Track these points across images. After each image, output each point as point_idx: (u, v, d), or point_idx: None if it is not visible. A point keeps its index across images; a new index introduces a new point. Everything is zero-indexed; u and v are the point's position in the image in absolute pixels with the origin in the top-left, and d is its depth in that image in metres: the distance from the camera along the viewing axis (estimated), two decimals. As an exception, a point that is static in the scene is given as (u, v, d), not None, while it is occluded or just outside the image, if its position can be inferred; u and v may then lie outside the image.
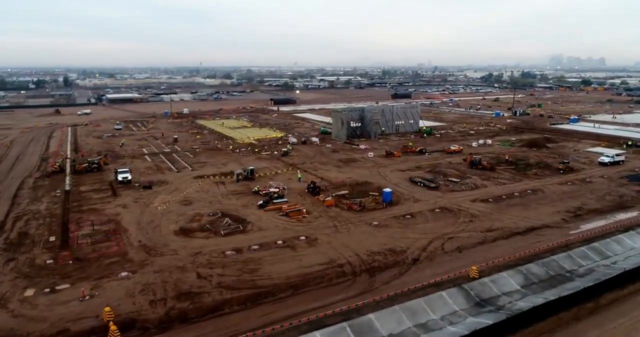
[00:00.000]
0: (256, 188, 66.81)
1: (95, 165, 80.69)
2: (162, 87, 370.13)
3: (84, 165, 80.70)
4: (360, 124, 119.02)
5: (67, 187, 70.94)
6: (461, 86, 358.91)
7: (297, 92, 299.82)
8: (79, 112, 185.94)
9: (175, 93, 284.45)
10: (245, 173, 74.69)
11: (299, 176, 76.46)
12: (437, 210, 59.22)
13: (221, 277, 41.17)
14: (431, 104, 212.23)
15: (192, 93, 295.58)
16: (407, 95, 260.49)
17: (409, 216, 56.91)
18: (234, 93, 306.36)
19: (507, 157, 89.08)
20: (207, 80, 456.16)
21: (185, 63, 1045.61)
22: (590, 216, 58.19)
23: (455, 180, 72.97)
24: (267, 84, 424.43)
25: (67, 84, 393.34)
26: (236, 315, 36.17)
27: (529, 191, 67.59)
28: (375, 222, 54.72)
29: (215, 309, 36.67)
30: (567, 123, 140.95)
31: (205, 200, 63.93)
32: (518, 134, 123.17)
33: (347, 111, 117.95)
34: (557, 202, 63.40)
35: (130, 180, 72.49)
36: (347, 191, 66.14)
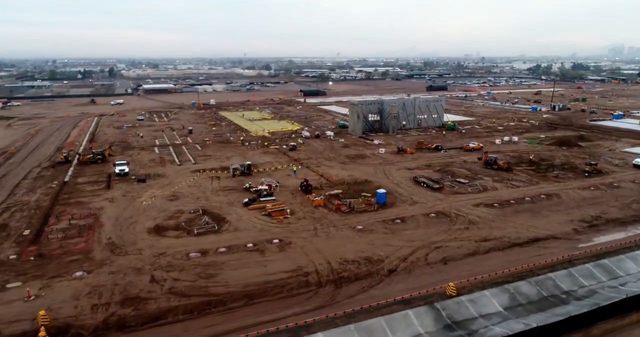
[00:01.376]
0: (247, 184, 64.31)
1: (99, 156, 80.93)
2: (200, 78, 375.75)
3: (88, 156, 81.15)
4: (379, 118, 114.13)
5: (66, 179, 71.29)
6: (504, 78, 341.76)
7: (330, 83, 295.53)
8: (112, 103, 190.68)
9: (210, 84, 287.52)
10: (242, 168, 72.34)
11: (295, 169, 73.80)
12: (432, 214, 54.44)
13: (175, 282, 38.90)
14: (466, 97, 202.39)
15: (226, 84, 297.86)
16: (443, 88, 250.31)
17: (398, 221, 52.55)
18: (268, 84, 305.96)
19: (530, 157, 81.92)
20: (246, 71, 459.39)
21: (231, 54, 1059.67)
22: (608, 227, 51.65)
23: (464, 181, 67.43)
24: (304, 75, 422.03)
25: (112, 74, 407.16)
26: (178, 325, 33.76)
27: (542, 196, 61.22)
28: (360, 226, 50.80)
29: (157, 317, 34.40)
30: (610, 119, 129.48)
31: (193, 196, 62.08)
32: (551, 130, 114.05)
33: (365, 104, 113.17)
34: (573, 209, 56.92)
35: (127, 173, 71.93)
36: (340, 190, 62.35)
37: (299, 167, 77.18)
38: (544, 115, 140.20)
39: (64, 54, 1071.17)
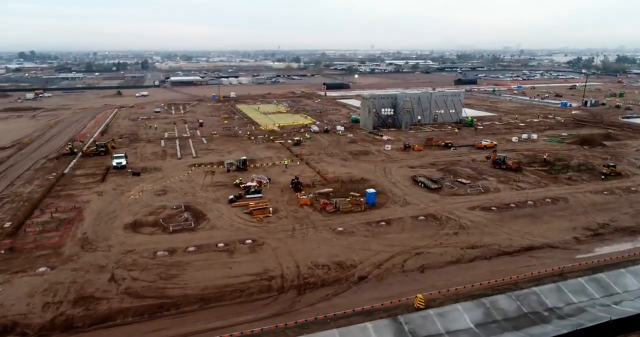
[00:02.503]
0: (237, 180, 62.87)
1: (102, 149, 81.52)
2: (230, 71, 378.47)
3: (91, 148, 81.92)
4: (393, 113, 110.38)
5: (66, 171, 72.02)
6: (540, 72, 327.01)
7: (356, 76, 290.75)
8: (137, 94, 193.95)
9: (236, 76, 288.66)
10: (238, 163, 70.98)
11: (286, 162, 72.72)
12: (422, 217, 51.29)
13: (133, 282, 37.83)
14: (494, 91, 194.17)
15: (253, 76, 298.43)
16: (473, 81, 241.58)
17: (383, 223, 49.75)
18: (294, 77, 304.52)
19: (545, 156, 76.76)
20: (275, 63, 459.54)
21: (265, 47, 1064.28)
22: (615, 237, 47.16)
23: (465, 181, 63.61)
24: (332, 67, 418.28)
25: (144, 66, 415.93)
26: (124, 328, 32.62)
27: (547, 199, 56.81)
28: (341, 228, 48.36)
29: (106, 319, 33.37)
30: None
31: (182, 191, 61.19)
32: (577, 128, 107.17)
33: (378, 98, 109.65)
34: (579, 215, 52.44)
35: (125, 166, 71.93)
36: (331, 189, 59.96)
37: (297, 162, 75.28)
38: (573, 112, 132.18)
39: (105, 47, 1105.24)
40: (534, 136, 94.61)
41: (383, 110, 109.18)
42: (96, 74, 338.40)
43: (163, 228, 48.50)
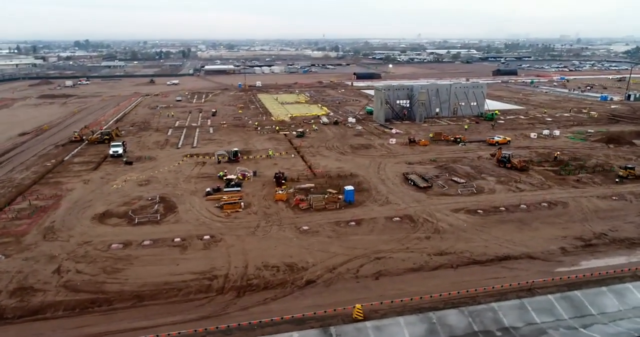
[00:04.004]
0: (221, 173, 61.76)
1: (106, 137, 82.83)
2: (267, 59, 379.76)
3: (96, 136, 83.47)
4: (408, 105, 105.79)
5: (66, 158, 73.65)
6: (591, 62, 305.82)
7: (390, 66, 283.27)
8: (167, 83, 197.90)
9: (270, 66, 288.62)
10: (229, 155, 69.88)
11: (271, 152, 73.01)
12: (397, 218, 48.10)
13: (76, 275, 37.45)
14: (532, 83, 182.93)
15: (288, 65, 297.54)
16: (512, 72, 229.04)
17: (353, 223, 47.03)
18: (329, 66, 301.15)
19: (556, 154, 70.69)
20: (314, 52, 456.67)
21: (310, 35, 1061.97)
22: (609, 249, 42.24)
23: (460, 181, 59.41)
24: (371, 56, 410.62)
25: (185, 55, 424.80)
26: (51, 322, 32.16)
27: (544, 204, 51.89)
28: (306, 227, 46.11)
29: (36, 311, 33.09)
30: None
31: (166, 182, 60.81)
32: (609, 124, 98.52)
33: (393, 89, 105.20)
34: (575, 222, 47.47)
35: (121, 154, 72.63)
36: (312, 185, 57.65)
37: (291, 154, 73.30)
38: (612, 106, 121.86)
39: (156, 36, 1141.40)
40: (557, 132, 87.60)
41: (398, 102, 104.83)
42: (135, 62, 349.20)
43: (129, 220, 48.16)
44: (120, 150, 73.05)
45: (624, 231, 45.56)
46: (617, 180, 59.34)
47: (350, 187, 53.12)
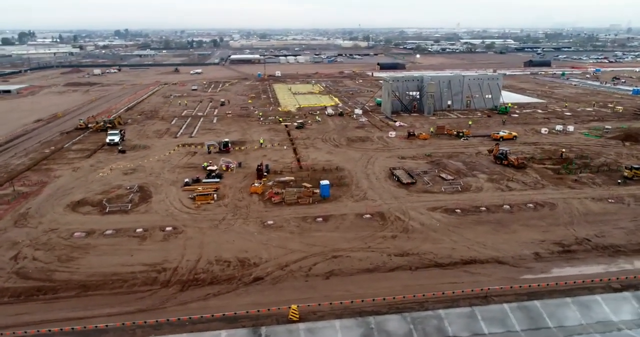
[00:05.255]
0: (205, 163, 61.51)
1: (109, 125, 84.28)
2: (296, 49, 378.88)
3: (99, 124, 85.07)
4: (418, 97, 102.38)
5: (66, 145, 75.44)
6: (636, 53, 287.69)
7: (418, 56, 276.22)
8: (191, 72, 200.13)
9: (295, 55, 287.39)
10: (219, 145, 69.57)
11: (261, 141, 73.86)
12: (368, 215, 46.34)
13: (31, 262, 37.98)
14: (563, 74, 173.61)
15: (315, 55, 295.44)
16: (545, 63, 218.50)
17: (320, 219, 45.65)
18: (356, 56, 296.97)
19: (562, 152, 66.48)
20: (344, 42, 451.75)
21: (346, 25, 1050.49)
22: (589, 256, 39.14)
23: (448, 177, 56.74)
24: (402, 46, 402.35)
25: (216, 44, 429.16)
26: (-6, 309, 32.81)
27: (530, 205, 48.73)
28: (271, 222, 45.14)
29: (-17, 297, 33.85)
30: None
31: (151, 171, 61.12)
32: (634, 120, 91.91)
33: (402, 81, 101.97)
34: (559, 226, 44.29)
35: (117, 143, 73.66)
36: (292, 178, 56.44)
37: (284, 146, 72.33)
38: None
39: (195, 25, 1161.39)
40: (570, 128, 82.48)
41: (407, 94, 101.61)
42: (164, 51, 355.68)
43: (100, 209, 48.60)
44: (116, 138, 74.10)
45: (610, 237, 42.15)
46: (619, 181, 55.08)
47: (325, 182, 51.62)
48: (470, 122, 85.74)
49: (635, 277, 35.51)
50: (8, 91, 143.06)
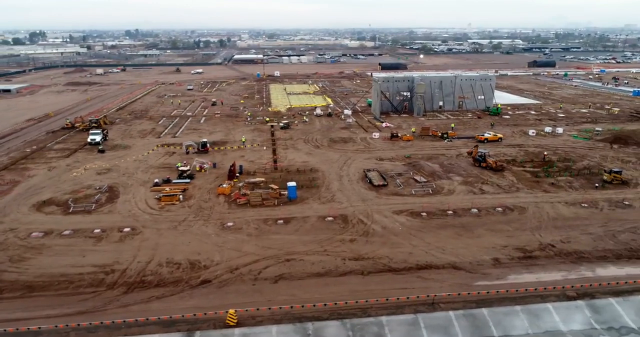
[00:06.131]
0: (179, 164, 61.20)
1: (94, 125, 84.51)
2: (302, 49, 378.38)
3: (85, 124, 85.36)
4: (409, 97, 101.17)
5: (49, 144, 75.75)
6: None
7: (421, 56, 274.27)
8: (192, 72, 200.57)
9: (298, 56, 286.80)
10: (198, 145, 69.27)
11: (243, 139, 74.47)
12: (330, 218, 45.58)
13: (-18, 262, 38.00)
14: (565, 75, 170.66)
15: (319, 55, 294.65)
16: (550, 64, 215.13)
17: (281, 221, 45.02)
18: (360, 56, 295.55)
19: (545, 154, 65.02)
20: (350, 42, 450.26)
21: (356, 25, 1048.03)
22: (550, 263, 37.94)
23: (421, 180, 55.69)
24: (409, 46, 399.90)
25: (222, 44, 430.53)
26: (-64, 309, 32.73)
27: (499, 208, 47.54)
28: (231, 224, 44.60)
29: None
30: None
31: (125, 171, 60.98)
32: (628, 122, 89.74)
33: (392, 80, 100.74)
34: (525, 231, 43.09)
35: (98, 142, 73.76)
36: (262, 179, 55.80)
37: (263, 147, 71.88)
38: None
39: (206, 25, 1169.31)
40: (560, 130, 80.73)
41: (398, 94, 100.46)
42: (168, 51, 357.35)
43: (64, 209, 48.50)
44: (97, 138, 74.20)
45: (577, 243, 40.88)
46: (597, 185, 53.57)
47: (292, 184, 50.96)
48: (452, 125, 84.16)
49: (591, 285, 34.29)
50: (8, 90, 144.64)
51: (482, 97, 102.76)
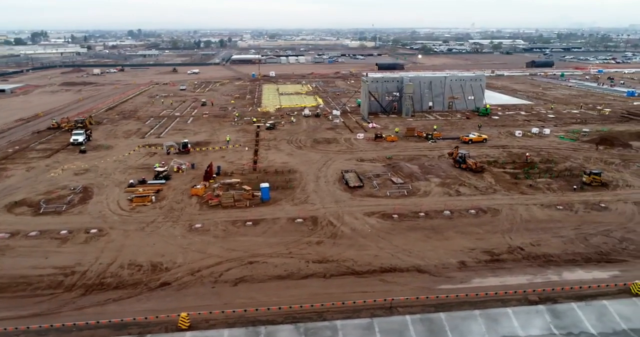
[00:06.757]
0: (157, 164, 60.97)
1: (80, 125, 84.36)
2: (302, 49, 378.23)
3: (70, 124, 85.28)
4: (398, 97, 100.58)
5: (32, 144, 75.66)
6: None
7: (419, 56, 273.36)
8: (188, 72, 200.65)
9: (297, 56, 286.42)
10: (179, 146, 69.01)
11: (228, 138, 74.45)
12: (300, 220, 45.17)
13: (-56, 263, 37.81)
14: (562, 75, 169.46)
15: (318, 55, 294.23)
16: (548, 64, 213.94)
17: (250, 223, 44.63)
18: (358, 56, 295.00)
19: (527, 156, 64.35)
20: (351, 42, 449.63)
21: (360, 25, 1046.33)
22: (517, 266, 37.33)
23: (398, 181, 55.17)
24: (409, 46, 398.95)
25: (222, 44, 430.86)
26: None
27: (472, 210, 46.97)
28: (199, 225, 44.25)
29: None
30: None
31: (103, 171, 60.77)
32: (618, 123, 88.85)
33: (382, 81, 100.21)
34: (496, 234, 42.50)
35: (81, 142, 73.60)
36: (238, 180, 55.44)
37: (245, 148, 71.64)
38: (635, 103, 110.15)
39: (209, 25, 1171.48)
40: (547, 131, 79.94)
41: (387, 95, 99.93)
42: (167, 51, 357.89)
43: (35, 210, 48.29)
44: (80, 138, 74.04)
45: (546, 246, 40.27)
46: (574, 187, 52.89)
47: (265, 185, 50.59)
48: (435, 126, 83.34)
49: (553, 289, 33.69)
50: (2, 90, 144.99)
51: (472, 97, 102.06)
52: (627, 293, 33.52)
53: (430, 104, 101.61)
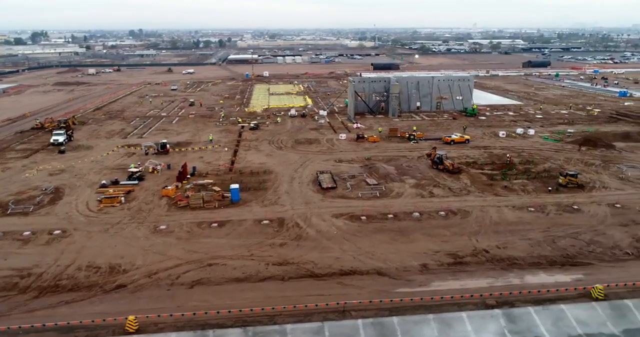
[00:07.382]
0: (132, 165, 60.67)
1: (63, 125, 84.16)
2: (300, 49, 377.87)
3: (53, 124, 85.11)
4: (385, 98, 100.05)
5: (12, 144, 75.50)
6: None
7: (416, 56, 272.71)
8: (183, 72, 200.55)
9: (293, 56, 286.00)
10: (157, 146, 68.71)
11: (210, 137, 75.52)
12: (266, 221, 44.75)
13: None
14: (557, 75, 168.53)
15: (315, 55, 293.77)
16: (544, 64, 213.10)
17: (215, 224, 44.23)
18: (356, 56, 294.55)
19: (508, 157, 63.72)
20: (350, 42, 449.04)
21: (361, 25, 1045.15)
22: (479, 269, 36.78)
23: (372, 182, 54.69)
24: (408, 46, 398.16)
25: (221, 44, 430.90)
26: None
27: (441, 213, 46.43)
28: (164, 226, 43.88)
29: None
30: None
31: (79, 171, 60.50)
32: (606, 123, 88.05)
33: (368, 81, 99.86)
34: (462, 236, 41.94)
35: (61, 143, 73.37)
36: (211, 181, 55.08)
37: (225, 148, 71.37)
38: (626, 103, 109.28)
39: (210, 25, 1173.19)
40: (531, 132, 79.23)
41: (374, 95, 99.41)
42: (164, 51, 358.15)
43: (4, 210, 48.04)
44: (60, 138, 73.82)
45: (512, 249, 39.69)
46: (549, 189, 52.27)
47: (235, 186, 50.20)
48: (414, 128, 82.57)
49: (511, 293, 33.15)
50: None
51: (461, 97, 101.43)
52: (587, 297, 32.97)
53: (418, 104, 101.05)
